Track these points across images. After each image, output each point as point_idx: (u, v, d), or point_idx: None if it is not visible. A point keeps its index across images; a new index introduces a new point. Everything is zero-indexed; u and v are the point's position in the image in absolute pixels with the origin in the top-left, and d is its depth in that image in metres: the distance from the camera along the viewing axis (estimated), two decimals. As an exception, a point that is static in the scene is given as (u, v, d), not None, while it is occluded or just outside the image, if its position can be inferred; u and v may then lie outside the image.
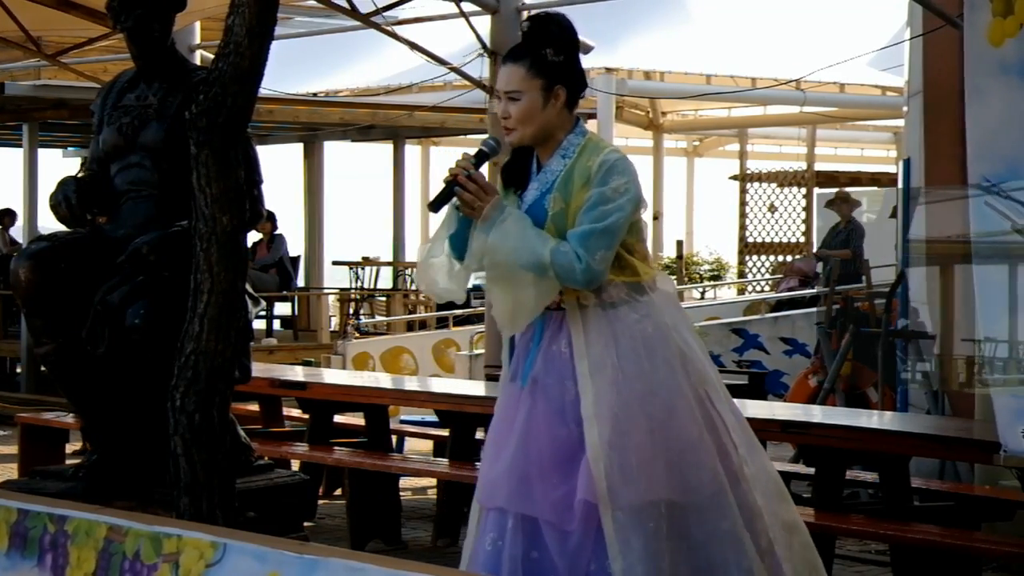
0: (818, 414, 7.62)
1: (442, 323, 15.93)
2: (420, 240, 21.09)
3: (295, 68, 17.65)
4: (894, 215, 10.31)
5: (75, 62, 13.02)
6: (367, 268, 19.48)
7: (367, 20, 10.36)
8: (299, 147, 18.90)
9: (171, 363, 4.33)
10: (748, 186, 21.32)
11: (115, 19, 5.48)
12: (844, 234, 14.99)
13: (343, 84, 19.59)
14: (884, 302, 9.04)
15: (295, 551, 3.03)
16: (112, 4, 5.46)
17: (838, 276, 12.41)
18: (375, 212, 22.60)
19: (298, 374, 9.22)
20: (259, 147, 5.81)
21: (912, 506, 6.29)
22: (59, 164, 20.79)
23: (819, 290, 14.33)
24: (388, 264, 19.23)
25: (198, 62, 11.30)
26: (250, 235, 6.16)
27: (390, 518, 7.46)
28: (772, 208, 21.04)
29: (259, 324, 15.82)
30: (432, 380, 10.56)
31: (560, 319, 4.09)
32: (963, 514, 6.37)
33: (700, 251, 23.34)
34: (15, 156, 17.52)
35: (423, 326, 16.33)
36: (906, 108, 9.36)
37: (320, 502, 8.23)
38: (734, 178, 22.22)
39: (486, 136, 4.37)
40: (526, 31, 4.14)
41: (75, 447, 9.56)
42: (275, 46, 4.31)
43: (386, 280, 19.35)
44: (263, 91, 4.49)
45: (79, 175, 5.65)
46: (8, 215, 18.01)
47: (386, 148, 19.55)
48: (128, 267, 5.16)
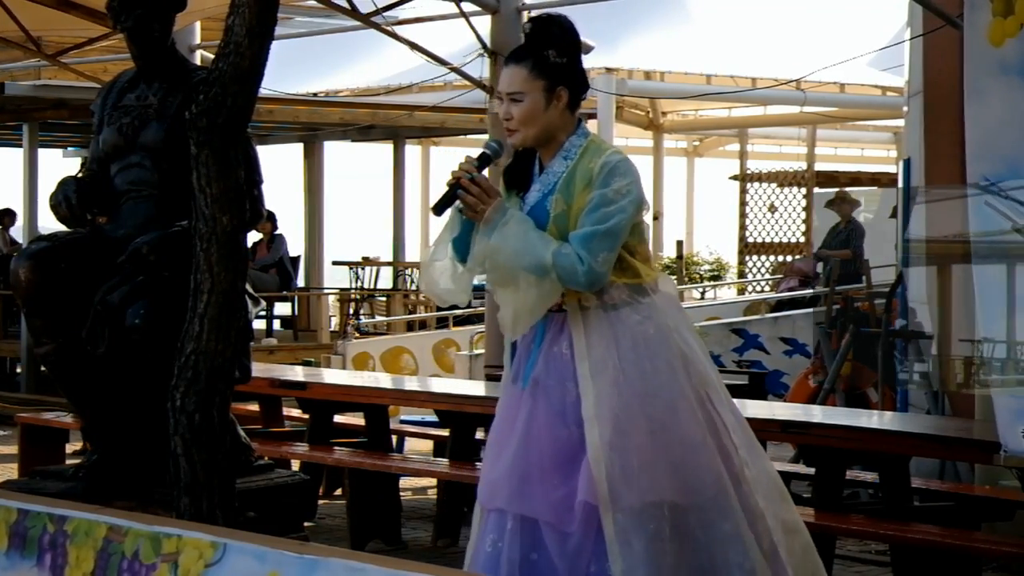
0: (818, 414, 7.62)
1: (442, 323, 15.93)
2: (420, 240, 21.16)
3: (295, 68, 17.64)
4: (894, 215, 10.31)
5: (75, 62, 13.02)
6: (367, 268, 19.48)
7: (367, 20, 10.36)
8: (299, 147, 18.90)
9: (171, 363, 4.33)
10: (748, 186, 21.31)
11: (115, 19, 5.48)
12: (844, 234, 15.00)
13: (343, 84, 19.59)
14: (884, 302, 9.05)
15: (295, 551, 3.03)
16: (112, 4, 5.46)
17: (838, 276, 12.41)
18: (375, 212, 22.61)
19: (298, 374, 9.22)
20: (259, 147, 5.81)
21: (912, 506, 6.29)
22: (59, 164, 20.81)
23: (819, 290, 14.33)
24: (388, 264, 19.23)
25: (198, 62, 11.30)
26: (250, 235, 6.16)
27: (390, 518, 7.46)
28: (772, 208, 21.03)
29: (259, 324, 15.82)
30: (432, 380, 10.55)
31: (561, 321, 4.09)
32: (963, 514, 6.38)
33: (700, 251, 23.33)
34: (15, 156, 17.53)
35: (423, 326, 16.33)
36: (906, 108, 9.36)
37: (320, 502, 8.22)
38: (734, 178, 22.22)
39: (487, 137, 4.38)
40: (528, 32, 4.14)
41: (75, 447, 9.56)
42: (275, 46, 4.32)
43: (386, 280, 19.35)
44: (263, 91, 4.49)
45: (79, 175, 5.65)
46: (8, 215, 18.02)
47: (386, 148, 19.55)
48: (128, 267, 5.16)
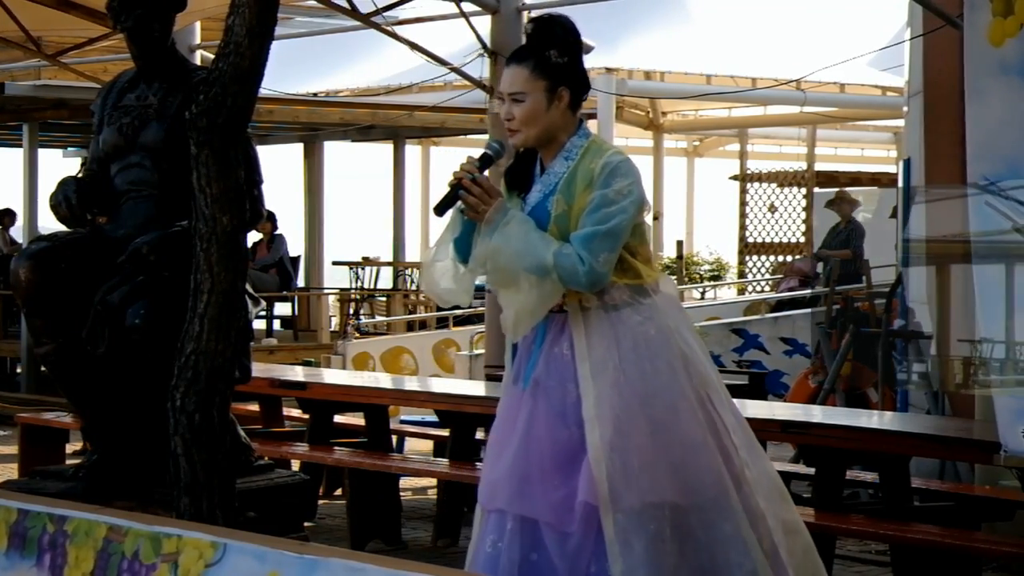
0: (818, 414, 7.62)
1: (442, 323, 15.93)
2: (420, 240, 21.17)
3: (295, 68, 17.64)
4: (894, 215, 10.31)
5: (75, 62, 13.02)
6: (367, 268, 19.47)
7: (367, 20, 10.36)
8: (299, 147, 18.90)
9: (171, 363, 4.33)
10: (748, 186, 21.31)
11: (115, 19, 5.48)
12: (844, 234, 14.99)
13: (343, 84, 19.58)
14: (884, 302, 9.05)
15: (295, 551, 3.03)
16: (112, 4, 5.46)
17: (838, 276, 12.40)
18: (375, 212, 22.60)
19: (298, 374, 9.22)
20: (259, 147, 5.81)
21: (912, 506, 6.29)
22: (59, 164, 20.81)
23: (819, 290, 14.33)
24: (388, 264, 19.22)
25: (198, 62, 11.30)
26: (250, 235, 6.16)
27: (390, 518, 7.46)
28: (772, 208, 21.02)
29: (259, 324, 15.82)
30: (432, 380, 10.55)
31: (562, 321, 4.09)
32: (963, 514, 6.37)
33: (700, 251, 23.33)
34: (15, 156, 17.52)
35: (423, 326, 16.33)
36: (906, 108, 9.35)
37: (320, 502, 8.23)
38: (734, 178, 22.21)
39: (487, 138, 4.38)
40: (530, 32, 4.14)
41: (75, 447, 9.56)
42: (275, 46, 4.32)
43: (386, 280, 19.35)
44: (263, 91, 4.49)
45: (79, 175, 5.65)
46: (8, 215, 18.02)
47: (386, 148, 19.55)
48: (128, 267, 5.16)
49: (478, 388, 8.41)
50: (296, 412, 8.86)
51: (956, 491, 6.79)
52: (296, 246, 17.70)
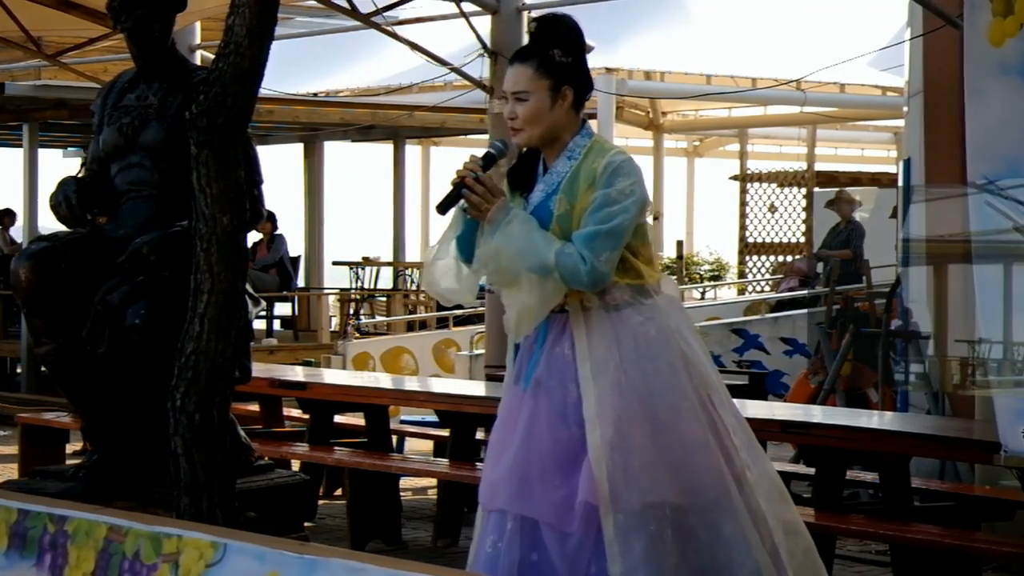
0: (818, 414, 7.62)
1: (442, 323, 15.92)
2: (421, 240, 21.16)
3: (295, 68, 17.63)
4: (894, 215, 10.31)
5: (75, 62, 13.02)
6: (367, 268, 19.47)
7: (367, 20, 10.36)
8: (299, 147, 18.90)
9: (171, 363, 4.33)
10: (748, 186, 21.30)
11: (115, 19, 5.48)
12: (844, 234, 14.98)
13: (343, 84, 19.57)
14: (884, 302, 9.05)
15: (295, 551, 3.03)
16: (112, 4, 5.46)
17: (838, 276, 12.40)
18: (375, 212, 22.59)
19: (298, 374, 9.22)
20: (259, 147, 5.81)
21: (912, 506, 6.29)
22: (59, 164, 20.80)
23: (819, 290, 14.32)
24: (388, 264, 19.22)
25: (198, 62, 11.30)
26: (250, 235, 6.16)
27: (390, 518, 7.46)
28: (772, 208, 21.02)
29: (259, 324, 15.82)
30: (432, 380, 10.56)
31: (563, 321, 4.09)
32: (963, 514, 6.37)
33: (700, 251, 23.33)
34: (15, 156, 17.53)
35: (423, 326, 16.32)
36: (906, 108, 9.35)
37: (320, 502, 8.22)
38: (734, 178, 22.20)
39: (488, 138, 4.38)
40: (534, 32, 4.14)
41: (75, 447, 9.56)
42: (275, 46, 4.32)
43: (386, 280, 19.34)
44: (263, 91, 4.49)
45: (79, 175, 5.65)
46: (8, 215, 18.02)
47: (386, 148, 19.55)
48: (128, 267, 5.16)
49: (478, 388, 8.41)
50: (296, 412, 8.87)
51: (956, 491, 6.79)
52: (296, 246, 17.71)
